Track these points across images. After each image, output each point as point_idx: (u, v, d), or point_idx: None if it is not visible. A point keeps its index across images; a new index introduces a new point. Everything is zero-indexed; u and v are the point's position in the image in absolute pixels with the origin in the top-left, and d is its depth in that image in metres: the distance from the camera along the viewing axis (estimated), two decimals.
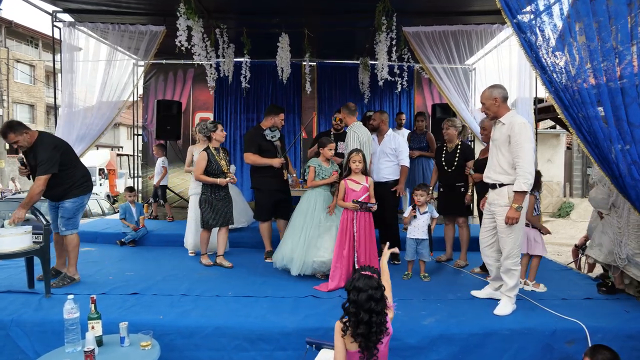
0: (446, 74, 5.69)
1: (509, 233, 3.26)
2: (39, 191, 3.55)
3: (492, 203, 3.41)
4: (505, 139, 3.23)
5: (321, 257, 4.05)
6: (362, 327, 2.08)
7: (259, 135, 4.76)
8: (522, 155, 3.13)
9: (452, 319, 3.14)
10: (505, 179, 3.26)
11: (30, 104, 27.02)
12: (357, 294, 2.12)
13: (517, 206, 3.15)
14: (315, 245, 4.08)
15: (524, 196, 3.16)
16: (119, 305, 3.29)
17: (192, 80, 8.44)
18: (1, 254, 3.32)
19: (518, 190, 3.13)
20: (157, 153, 7.04)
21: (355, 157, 4.00)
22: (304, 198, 4.32)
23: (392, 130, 4.89)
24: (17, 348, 2.96)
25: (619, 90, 2.77)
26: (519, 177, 3.14)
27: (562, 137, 14.41)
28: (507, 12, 3.13)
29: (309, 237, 4.10)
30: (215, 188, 4.46)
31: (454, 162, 4.67)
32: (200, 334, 2.97)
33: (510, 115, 3.29)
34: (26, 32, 25.93)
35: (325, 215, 4.15)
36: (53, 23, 5.81)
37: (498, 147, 3.32)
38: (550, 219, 12.89)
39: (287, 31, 6.05)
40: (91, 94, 5.92)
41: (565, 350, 2.96)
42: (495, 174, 3.34)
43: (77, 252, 3.89)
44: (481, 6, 5.52)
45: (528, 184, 3.12)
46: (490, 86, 3.42)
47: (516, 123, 3.19)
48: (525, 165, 3.12)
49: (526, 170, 3.11)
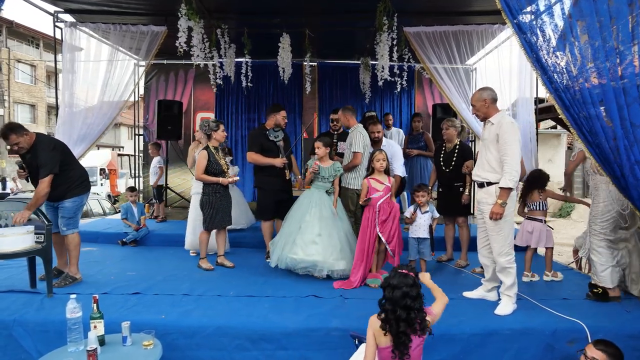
0: (447, 74, 5.68)
1: (498, 230, 3.29)
2: (45, 193, 3.57)
3: (480, 202, 3.46)
4: (494, 138, 3.29)
5: (295, 254, 4.02)
6: (402, 324, 2.12)
7: (261, 135, 4.77)
8: (509, 153, 3.19)
9: (452, 318, 3.14)
10: (493, 177, 3.32)
11: (31, 104, 27.04)
12: (392, 291, 2.16)
13: (501, 202, 3.20)
14: (294, 241, 4.07)
15: (509, 192, 3.22)
16: (120, 304, 3.31)
17: (193, 81, 8.44)
18: (3, 253, 3.33)
19: (504, 186, 3.19)
20: (153, 152, 7.05)
21: (379, 155, 4.01)
22: (302, 196, 4.37)
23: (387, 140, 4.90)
24: (20, 347, 2.97)
25: (620, 90, 2.78)
26: (505, 174, 3.20)
27: (563, 137, 14.41)
28: (507, 12, 3.14)
29: (288, 231, 4.14)
30: (217, 188, 4.46)
31: (452, 162, 4.68)
32: (202, 333, 2.98)
33: (499, 116, 3.36)
34: (27, 32, 25.96)
35: (316, 213, 4.12)
36: (55, 23, 5.82)
37: (487, 146, 3.39)
38: (551, 219, 12.88)
39: (288, 31, 6.05)
40: (92, 94, 5.92)
41: (566, 350, 2.96)
42: (484, 172, 3.39)
43: (78, 252, 3.91)
44: (482, 6, 5.51)
45: (514, 180, 3.18)
46: (479, 89, 3.51)
47: (505, 122, 3.26)
48: (511, 163, 3.18)
49: (512, 168, 3.17)
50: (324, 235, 4.04)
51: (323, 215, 4.12)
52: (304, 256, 3.99)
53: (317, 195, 4.23)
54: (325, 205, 4.18)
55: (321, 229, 4.05)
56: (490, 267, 3.53)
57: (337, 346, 2.96)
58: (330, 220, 4.12)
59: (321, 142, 4.28)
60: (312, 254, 3.98)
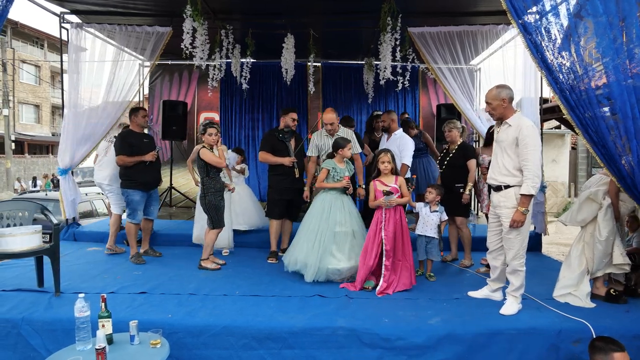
0: (451, 74, 5.69)
1: (517, 234, 3.25)
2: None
3: (497, 205, 3.38)
4: (512, 141, 3.19)
5: (336, 265, 3.96)
6: None
7: (272, 136, 4.93)
8: (530, 158, 3.10)
9: (458, 318, 3.16)
10: (511, 180, 3.24)
11: (35, 104, 27.19)
12: None
13: (523, 209, 3.14)
14: (331, 252, 3.98)
15: (531, 199, 3.15)
16: (127, 304, 3.33)
17: (197, 81, 8.47)
18: (11, 253, 3.37)
19: (525, 193, 3.12)
20: None
21: (384, 157, 3.91)
22: (317, 200, 4.22)
23: (401, 131, 4.90)
24: (29, 346, 3.00)
25: (632, 88, 2.77)
26: (526, 180, 3.12)
27: (567, 138, 14.37)
28: (512, 13, 3.14)
29: (324, 243, 3.97)
30: (217, 187, 4.51)
31: (455, 163, 4.68)
32: (208, 332, 3.00)
33: (517, 117, 3.24)
34: (32, 33, 26.09)
35: (341, 219, 4.04)
36: (61, 24, 5.86)
37: (504, 148, 3.28)
38: (555, 219, 12.82)
39: (292, 32, 6.06)
40: (97, 94, 5.96)
41: (572, 350, 2.97)
42: (501, 176, 3.30)
43: None
44: (487, 7, 5.51)
45: (536, 187, 3.11)
46: (497, 86, 3.34)
47: (524, 126, 3.15)
48: (533, 169, 3.10)
49: (534, 174, 3.10)
50: (357, 237, 4.06)
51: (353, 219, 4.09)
52: (347, 264, 3.97)
53: (339, 199, 4.12)
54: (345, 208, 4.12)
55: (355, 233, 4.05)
56: (498, 269, 3.50)
57: (343, 345, 2.98)
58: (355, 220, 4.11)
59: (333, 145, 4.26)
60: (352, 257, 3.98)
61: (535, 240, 5.59)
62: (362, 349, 2.97)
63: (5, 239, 3.35)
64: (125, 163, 4.71)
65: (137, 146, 4.78)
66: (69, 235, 5.73)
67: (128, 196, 4.77)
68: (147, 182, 4.83)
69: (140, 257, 4.74)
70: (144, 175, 4.77)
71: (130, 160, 4.70)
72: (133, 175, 4.74)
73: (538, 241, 5.60)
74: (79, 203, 6.09)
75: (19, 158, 23.71)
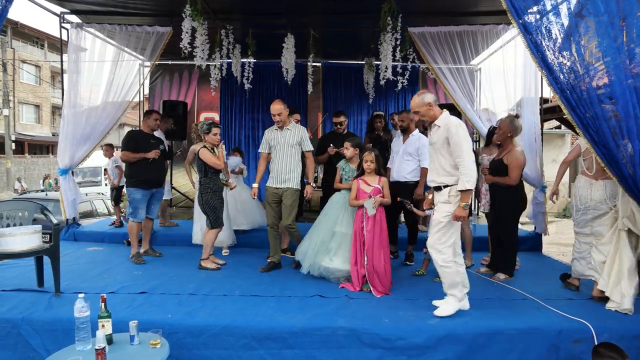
0: (451, 74, 5.68)
1: (439, 227, 3.29)
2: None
3: (436, 204, 3.44)
4: (444, 141, 3.25)
5: (328, 263, 4.00)
6: None
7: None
8: (462, 155, 3.16)
9: (458, 318, 3.16)
10: (449, 180, 3.29)
11: (35, 104, 27.18)
12: None
13: (464, 204, 3.19)
14: (326, 249, 4.05)
15: (469, 194, 3.21)
16: (127, 304, 3.33)
17: (197, 81, 8.47)
18: (11, 253, 3.37)
19: (461, 189, 3.18)
20: (107, 153, 6.67)
21: (367, 156, 3.91)
22: (332, 198, 4.30)
23: (418, 131, 4.87)
24: (29, 346, 3.00)
25: (633, 88, 2.77)
26: (462, 177, 3.17)
27: (567, 138, 14.36)
28: (513, 13, 3.13)
29: (321, 239, 4.09)
30: (215, 188, 4.50)
31: None
32: (208, 332, 3.00)
33: (444, 118, 3.31)
34: (32, 33, 26.10)
35: (342, 219, 4.08)
36: (61, 24, 5.86)
37: (437, 149, 3.34)
38: (555, 219, 12.86)
39: (292, 32, 6.06)
40: (96, 94, 5.95)
41: (572, 350, 2.97)
42: (439, 177, 3.36)
43: None
44: (487, 7, 5.51)
45: (471, 182, 3.16)
46: (418, 94, 3.41)
47: (452, 124, 3.23)
48: (466, 164, 3.15)
49: (468, 169, 3.15)
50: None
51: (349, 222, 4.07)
52: (339, 265, 3.98)
53: (346, 199, 4.14)
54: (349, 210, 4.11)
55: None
56: None
57: (343, 345, 2.98)
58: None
59: (350, 142, 4.25)
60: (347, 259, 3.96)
61: (536, 240, 5.59)
62: (362, 349, 2.97)
63: (5, 239, 3.35)
64: (129, 159, 4.85)
65: (143, 145, 4.88)
66: (69, 235, 5.74)
67: (130, 195, 4.85)
68: (149, 180, 4.87)
69: (141, 257, 4.75)
70: (146, 172, 4.83)
71: (133, 157, 4.83)
72: (135, 173, 4.83)
73: (538, 241, 5.60)
74: (79, 203, 6.09)
75: (19, 158, 23.71)
